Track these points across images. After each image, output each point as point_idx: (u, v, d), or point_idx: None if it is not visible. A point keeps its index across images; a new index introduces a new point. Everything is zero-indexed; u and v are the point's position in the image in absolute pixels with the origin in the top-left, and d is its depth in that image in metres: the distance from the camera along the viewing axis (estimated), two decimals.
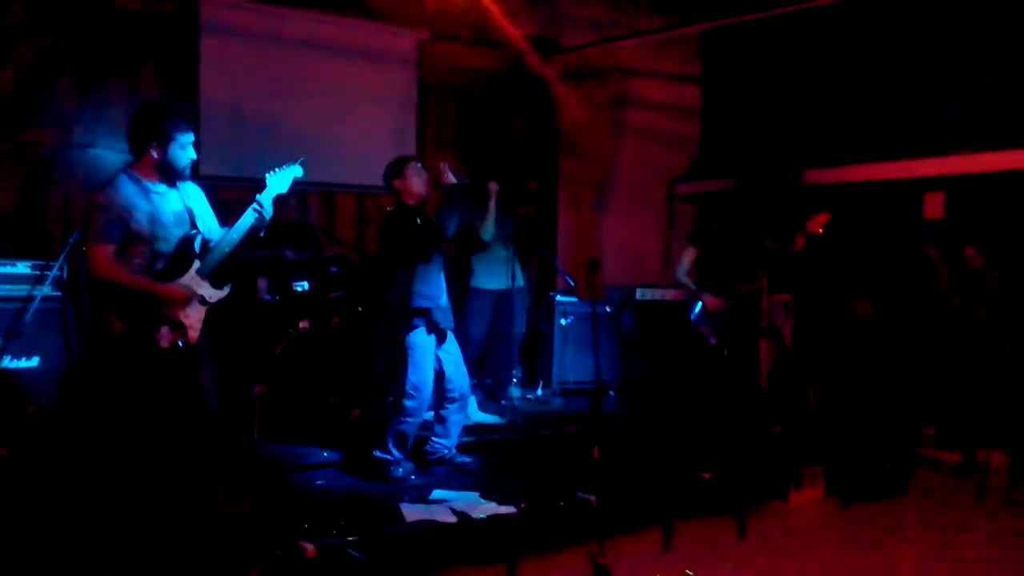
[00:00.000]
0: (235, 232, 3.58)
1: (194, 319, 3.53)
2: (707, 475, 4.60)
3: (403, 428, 4.40)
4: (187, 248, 3.54)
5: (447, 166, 4.60)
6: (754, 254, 5.85)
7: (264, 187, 3.67)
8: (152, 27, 6.00)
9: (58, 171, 5.73)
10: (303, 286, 5.11)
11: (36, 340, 4.80)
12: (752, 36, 7.61)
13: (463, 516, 3.81)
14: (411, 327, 4.38)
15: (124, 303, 3.39)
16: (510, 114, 7.87)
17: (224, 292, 3.64)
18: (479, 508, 3.92)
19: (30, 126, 5.62)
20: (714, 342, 5.85)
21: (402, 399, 4.38)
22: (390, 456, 4.40)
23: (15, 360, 4.72)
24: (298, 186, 3.90)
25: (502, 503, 3.98)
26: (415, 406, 4.40)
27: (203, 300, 3.56)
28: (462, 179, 4.59)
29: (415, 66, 7.16)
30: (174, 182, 3.59)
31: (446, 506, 3.92)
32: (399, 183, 4.56)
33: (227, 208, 3.91)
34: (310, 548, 3.23)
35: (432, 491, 4.16)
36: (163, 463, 3.77)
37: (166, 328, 3.44)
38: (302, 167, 3.81)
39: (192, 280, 3.53)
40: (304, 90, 6.56)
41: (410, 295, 4.39)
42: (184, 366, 3.53)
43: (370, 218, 6.85)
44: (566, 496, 4.12)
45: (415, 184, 4.56)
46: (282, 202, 3.86)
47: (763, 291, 5.78)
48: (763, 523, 4.59)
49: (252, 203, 3.61)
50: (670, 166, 8.37)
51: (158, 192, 3.52)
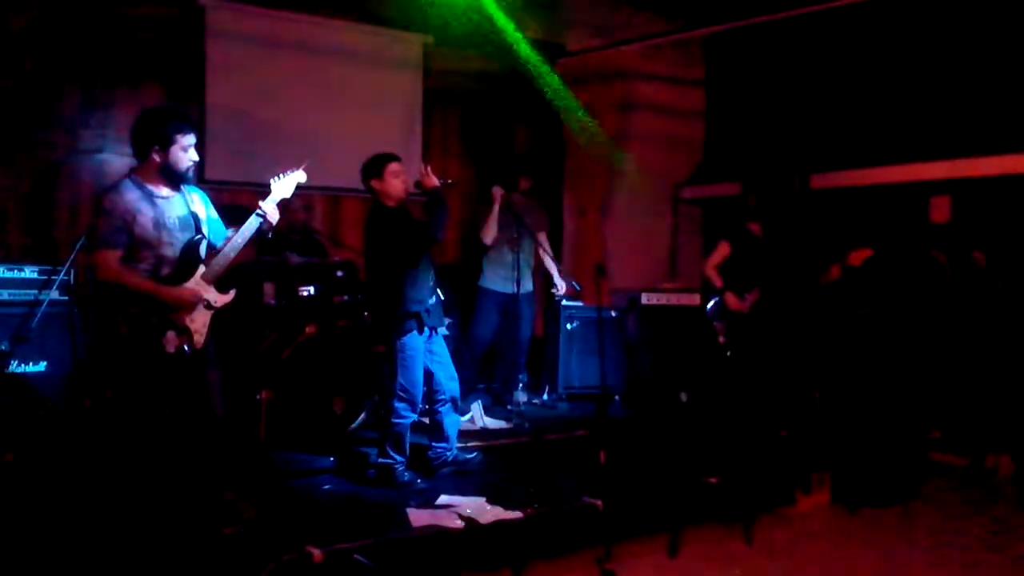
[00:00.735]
0: (240, 237, 3.60)
1: (200, 324, 3.53)
2: (714, 480, 4.58)
3: (396, 429, 4.38)
4: (192, 253, 3.55)
5: (430, 168, 4.46)
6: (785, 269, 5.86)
7: (269, 192, 3.69)
8: (158, 33, 6.02)
9: (65, 176, 5.75)
10: (309, 291, 5.10)
11: (43, 345, 4.80)
12: (757, 40, 7.60)
13: (470, 521, 3.80)
14: (403, 331, 4.35)
15: (130, 308, 3.39)
16: (515, 119, 7.86)
17: (229, 297, 3.65)
18: (485, 513, 3.91)
19: (37, 132, 5.63)
20: (722, 340, 5.83)
21: (391, 400, 4.37)
22: (391, 460, 4.38)
23: (22, 365, 4.73)
24: (303, 190, 3.90)
25: (508, 508, 3.96)
26: (404, 407, 4.37)
27: (209, 305, 3.56)
28: (445, 181, 4.48)
29: (420, 70, 7.18)
30: (178, 186, 3.59)
31: (452, 511, 3.91)
32: (378, 184, 4.44)
33: (233, 213, 3.91)
34: (317, 553, 3.23)
35: (438, 496, 4.16)
36: (169, 468, 3.77)
37: (172, 333, 3.44)
38: (306, 172, 3.82)
39: (198, 285, 3.53)
40: (309, 95, 6.58)
41: (401, 299, 4.34)
42: (190, 371, 3.53)
43: None
44: (573, 501, 4.11)
45: (394, 186, 4.44)
46: (287, 207, 3.88)
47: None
48: (770, 528, 4.58)
49: (256, 209, 3.62)
50: (675, 170, 8.36)
51: (162, 196, 3.52)
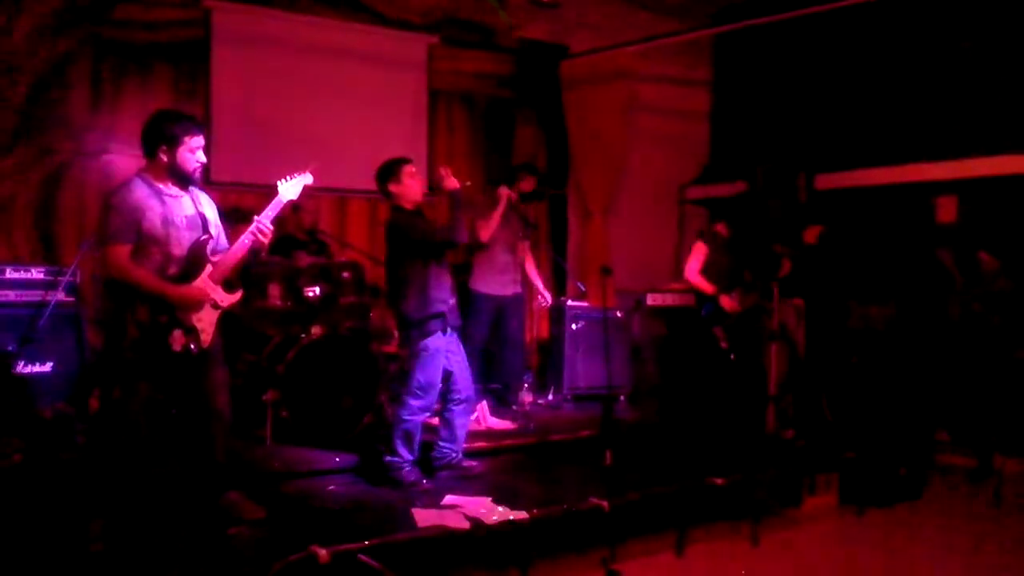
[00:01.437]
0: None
1: (207, 323, 3.54)
2: (720, 481, 4.57)
3: (407, 427, 4.37)
4: (200, 252, 3.55)
5: (449, 171, 4.46)
6: (766, 260, 5.84)
7: (276, 193, 3.69)
8: (165, 35, 6.03)
9: (71, 178, 5.76)
10: (315, 291, 5.11)
11: (50, 345, 4.81)
12: (762, 40, 7.60)
13: (475, 521, 3.79)
14: (428, 332, 4.35)
15: (137, 307, 3.40)
16: (520, 119, 7.86)
17: (236, 296, 3.66)
18: (491, 513, 3.90)
19: (43, 134, 5.64)
20: (724, 346, 5.82)
21: (408, 397, 4.36)
22: (399, 459, 4.37)
23: (29, 365, 4.73)
24: (310, 192, 3.90)
25: (514, 508, 3.96)
26: (421, 405, 4.36)
27: (215, 304, 3.57)
28: (464, 183, 4.48)
29: (425, 71, 7.19)
30: (186, 186, 3.61)
31: (459, 511, 3.91)
32: (395, 187, 4.43)
33: (239, 214, 3.92)
34: (323, 553, 3.23)
35: (444, 496, 4.16)
36: (176, 467, 3.78)
37: (179, 331, 3.45)
38: (312, 174, 3.82)
39: (205, 284, 3.54)
40: (315, 96, 6.60)
41: (426, 300, 4.34)
42: (196, 370, 3.54)
43: (381, 222, 6.85)
44: (578, 501, 4.11)
45: (412, 188, 4.44)
46: (293, 210, 3.88)
47: (775, 297, 5.76)
48: (777, 529, 4.57)
49: (254, 223, 3.59)
50: (680, 170, 8.36)
51: (171, 195, 3.54)
